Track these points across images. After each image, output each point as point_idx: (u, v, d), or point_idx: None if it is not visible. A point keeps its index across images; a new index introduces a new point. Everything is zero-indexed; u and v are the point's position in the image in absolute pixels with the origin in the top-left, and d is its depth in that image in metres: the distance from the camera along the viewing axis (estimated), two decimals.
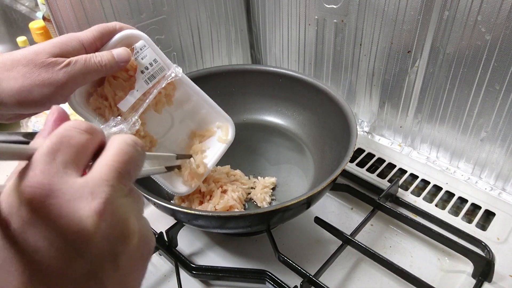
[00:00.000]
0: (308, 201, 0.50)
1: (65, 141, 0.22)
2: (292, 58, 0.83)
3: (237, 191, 0.58)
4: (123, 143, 0.24)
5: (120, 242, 0.22)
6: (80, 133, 0.23)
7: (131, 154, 0.24)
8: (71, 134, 0.22)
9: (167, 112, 0.54)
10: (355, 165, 0.69)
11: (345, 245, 0.53)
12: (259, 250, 0.56)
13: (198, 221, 0.50)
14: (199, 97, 0.55)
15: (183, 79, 0.52)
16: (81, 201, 0.20)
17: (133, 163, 0.24)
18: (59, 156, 0.21)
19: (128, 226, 0.22)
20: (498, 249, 0.54)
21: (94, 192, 0.21)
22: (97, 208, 0.20)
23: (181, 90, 0.53)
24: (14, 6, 1.12)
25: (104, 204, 0.21)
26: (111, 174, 0.22)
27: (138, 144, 0.25)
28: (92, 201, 0.20)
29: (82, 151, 0.22)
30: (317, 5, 0.71)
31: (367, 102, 0.75)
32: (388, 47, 0.66)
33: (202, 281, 0.53)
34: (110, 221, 0.21)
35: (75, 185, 0.21)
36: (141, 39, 0.47)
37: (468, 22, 0.55)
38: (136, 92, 0.46)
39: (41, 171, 0.20)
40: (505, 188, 0.63)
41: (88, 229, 0.20)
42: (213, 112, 0.57)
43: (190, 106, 0.55)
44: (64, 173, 0.21)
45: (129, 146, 0.24)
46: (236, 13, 0.83)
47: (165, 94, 0.51)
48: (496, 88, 0.56)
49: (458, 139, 0.65)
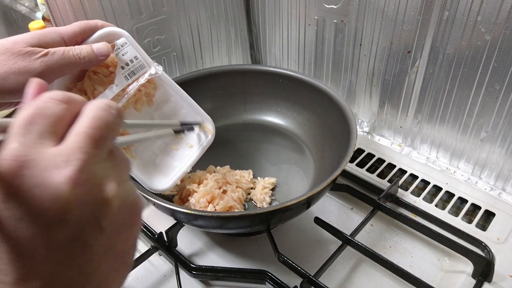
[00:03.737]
0: (308, 201, 0.50)
1: (40, 112, 0.22)
2: (292, 58, 0.83)
3: (237, 191, 0.58)
4: (95, 109, 0.24)
5: (99, 206, 0.22)
6: (56, 104, 0.23)
7: (105, 119, 0.24)
8: (47, 105, 0.22)
9: (147, 113, 0.53)
10: (355, 165, 0.69)
11: (345, 245, 0.53)
12: (259, 250, 0.56)
13: (198, 221, 0.50)
14: (179, 97, 0.54)
15: (163, 78, 0.52)
16: (56, 170, 0.20)
17: (108, 127, 0.24)
18: (34, 127, 0.21)
19: (106, 190, 0.22)
20: (498, 249, 0.54)
21: (68, 160, 0.21)
22: (72, 175, 0.20)
23: (162, 89, 0.53)
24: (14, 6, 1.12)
25: (78, 170, 0.21)
26: (85, 141, 0.22)
27: (113, 107, 0.25)
28: (66, 169, 0.21)
29: (59, 121, 0.22)
30: (317, 5, 0.71)
31: (367, 102, 0.75)
32: (388, 47, 0.66)
33: (202, 281, 0.53)
34: (86, 186, 0.21)
35: (49, 155, 0.21)
36: (123, 36, 0.46)
37: (468, 22, 0.55)
38: (115, 87, 0.46)
39: (16, 143, 0.20)
40: (505, 188, 0.63)
41: (63, 196, 0.20)
42: (193, 112, 0.56)
43: (170, 106, 0.55)
44: (40, 143, 0.21)
45: (103, 111, 0.24)
46: (236, 13, 0.83)
47: (146, 93, 0.51)
48: (496, 88, 0.56)
49: (458, 139, 0.65)
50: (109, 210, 0.23)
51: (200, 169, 0.62)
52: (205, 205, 0.55)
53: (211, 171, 0.62)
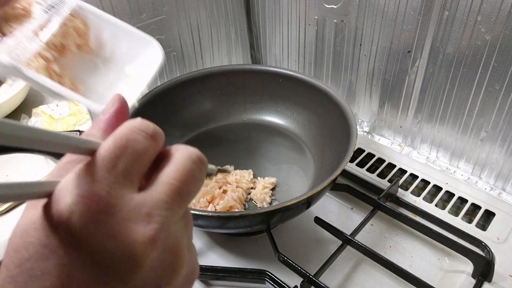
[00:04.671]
0: (308, 201, 0.50)
1: (129, 147, 0.19)
2: (292, 58, 0.83)
3: (237, 191, 0.58)
4: (187, 159, 0.21)
5: (168, 274, 0.20)
6: (145, 138, 0.20)
7: (194, 173, 0.21)
8: (136, 138, 0.19)
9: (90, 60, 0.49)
10: (355, 165, 0.69)
11: (345, 245, 0.53)
12: (259, 250, 0.56)
13: (198, 221, 0.50)
14: (112, 27, 0.49)
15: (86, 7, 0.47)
16: (136, 223, 0.18)
17: (195, 183, 0.21)
18: (120, 164, 0.19)
19: (180, 257, 0.20)
20: (498, 249, 0.54)
21: (151, 214, 0.18)
22: (152, 234, 0.18)
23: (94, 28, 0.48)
24: None
25: (159, 230, 0.18)
26: (172, 195, 0.19)
27: (203, 161, 0.22)
28: (148, 225, 0.18)
29: (145, 160, 0.20)
30: (317, 5, 0.71)
31: (367, 102, 0.75)
32: (388, 47, 0.66)
33: (202, 281, 0.53)
34: (162, 250, 0.19)
35: (132, 203, 0.18)
36: None
37: (468, 22, 0.55)
38: (34, 20, 0.42)
39: (100, 180, 0.18)
40: (505, 188, 0.63)
41: (138, 256, 0.18)
42: (133, 40, 0.50)
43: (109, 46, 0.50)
44: (123, 185, 0.19)
45: (194, 164, 0.21)
46: (236, 13, 0.83)
47: (74, 28, 0.47)
48: (496, 88, 0.56)
49: (458, 139, 0.65)
50: (176, 279, 0.20)
51: None
52: (205, 205, 0.55)
53: None
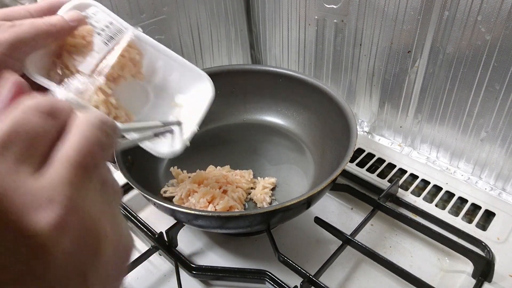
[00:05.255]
0: (308, 201, 0.50)
1: (19, 129, 0.17)
2: (292, 58, 0.83)
3: (237, 191, 0.58)
4: (86, 125, 0.19)
5: (89, 257, 0.18)
6: (39, 117, 0.18)
7: (97, 139, 0.19)
8: (28, 117, 0.18)
9: (140, 87, 0.51)
10: (355, 165, 0.69)
11: (345, 245, 0.53)
12: (259, 250, 0.56)
13: (198, 221, 0.50)
14: (166, 57, 0.51)
15: (144, 39, 0.49)
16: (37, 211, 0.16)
17: (101, 149, 0.19)
18: (11, 149, 0.17)
19: (99, 236, 0.18)
20: (498, 249, 0.54)
21: (52, 198, 0.17)
22: (56, 219, 0.16)
23: (147, 56, 0.50)
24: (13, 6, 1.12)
25: (65, 212, 0.17)
26: (73, 171, 0.18)
27: (106, 122, 0.20)
28: (50, 210, 0.16)
29: (42, 140, 0.18)
30: (317, 5, 0.71)
31: (367, 102, 0.75)
32: (388, 47, 0.66)
33: (202, 281, 0.53)
34: (75, 232, 0.17)
35: (30, 189, 0.17)
36: (92, 5, 0.45)
37: (468, 22, 0.55)
38: (96, 54, 0.44)
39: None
40: (505, 188, 0.63)
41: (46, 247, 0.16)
42: (186, 71, 0.52)
43: (161, 74, 0.52)
44: (17, 172, 0.17)
45: (95, 129, 0.19)
46: (236, 13, 0.83)
47: (130, 59, 0.48)
48: (496, 88, 0.56)
49: (458, 139, 0.65)
50: (100, 259, 0.18)
51: (200, 169, 0.62)
52: (205, 205, 0.55)
53: (211, 171, 0.62)
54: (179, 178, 0.62)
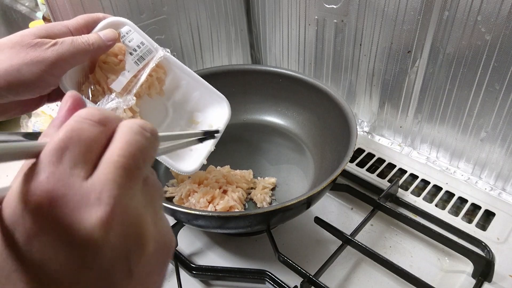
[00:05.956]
0: (308, 201, 0.50)
1: (74, 136, 0.19)
2: (292, 58, 0.83)
3: (237, 191, 0.58)
4: (128, 132, 0.21)
5: (133, 251, 0.20)
6: (92, 125, 0.20)
7: (139, 144, 0.21)
8: (82, 126, 0.20)
9: (161, 102, 0.53)
10: (355, 165, 0.69)
11: (345, 245, 0.53)
12: (259, 250, 0.56)
13: (198, 221, 0.50)
14: (190, 79, 0.54)
15: (171, 60, 0.52)
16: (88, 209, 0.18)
17: (143, 153, 0.21)
18: (67, 155, 0.19)
19: (143, 233, 0.20)
20: (498, 249, 0.54)
21: (100, 197, 0.19)
22: (104, 216, 0.18)
23: (171, 74, 0.53)
24: (14, 6, 1.12)
25: (111, 210, 0.19)
26: (118, 172, 0.20)
27: (147, 129, 0.22)
28: (99, 208, 0.18)
29: (93, 146, 0.20)
30: (317, 5, 0.71)
31: (367, 102, 0.75)
32: (388, 47, 0.66)
33: (202, 281, 0.53)
34: (122, 229, 0.19)
35: (81, 190, 0.19)
36: (126, 24, 0.47)
37: (468, 22, 0.55)
38: (127, 73, 0.46)
39: (47, 175, 0.19)
40: (505, 188, 0.63)
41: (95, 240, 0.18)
42: (206, 93, 0.55)
43: (182, 91, 0.54)
44: (71, 175, 0.19)
45: (136, 135, 0.21)
46: (236, 13, 0.83)
47: (157, 78, 0.51)
48: (496, 88, 0.56)
49: (458, 139, 0.65)
50: (143, 254, 0.20)
51: (200, 169, 0.62)
52: (205, 205, 0.55)
53: (211, 171, 0.62)
54: (179, 178, 0.62)
